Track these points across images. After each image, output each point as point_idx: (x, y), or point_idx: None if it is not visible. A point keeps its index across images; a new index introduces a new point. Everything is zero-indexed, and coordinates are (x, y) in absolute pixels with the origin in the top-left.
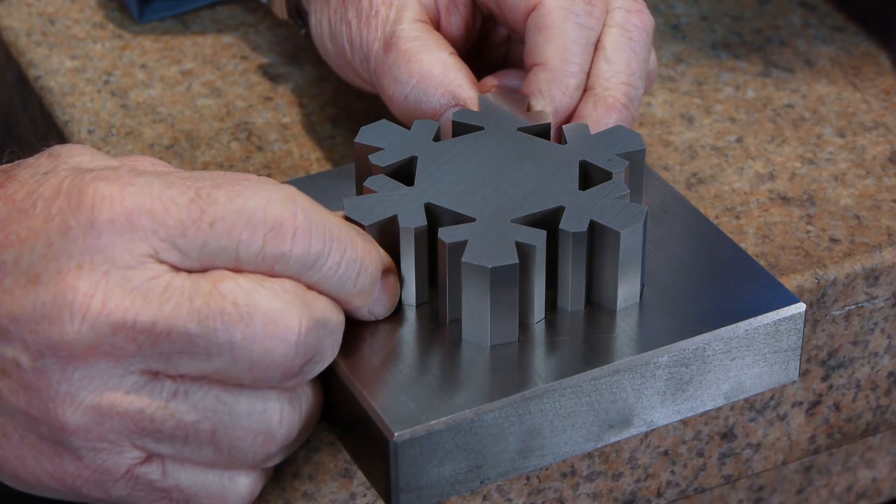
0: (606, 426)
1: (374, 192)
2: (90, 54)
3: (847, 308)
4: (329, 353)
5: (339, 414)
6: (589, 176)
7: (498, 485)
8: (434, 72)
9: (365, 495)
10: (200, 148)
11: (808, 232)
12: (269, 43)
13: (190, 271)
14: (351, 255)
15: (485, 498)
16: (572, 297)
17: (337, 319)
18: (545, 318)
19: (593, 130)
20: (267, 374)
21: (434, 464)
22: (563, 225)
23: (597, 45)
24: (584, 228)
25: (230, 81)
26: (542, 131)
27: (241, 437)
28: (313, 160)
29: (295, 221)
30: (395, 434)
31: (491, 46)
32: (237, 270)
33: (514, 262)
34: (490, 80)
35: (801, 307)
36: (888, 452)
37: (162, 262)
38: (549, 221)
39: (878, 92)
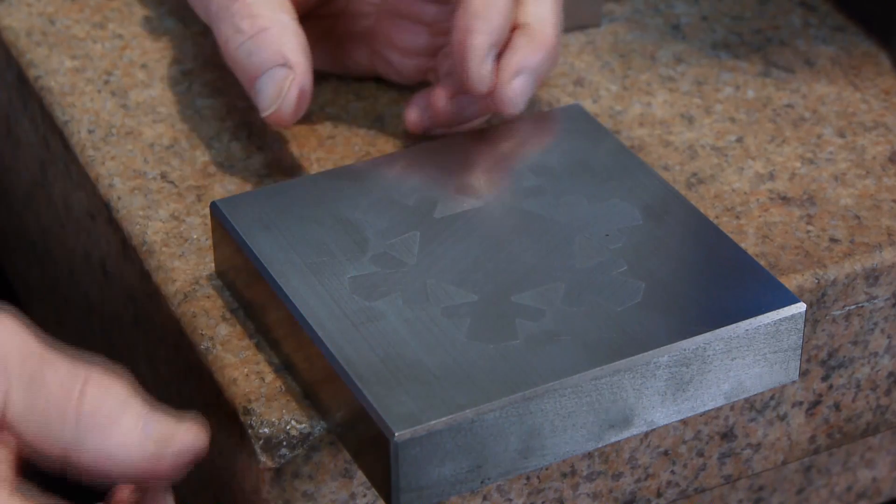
0: (607, 426)
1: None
2: (90, 54)
3: (847, 308)
4: None
5: (340, 413)
6: (586, 250)
7: (498, 485)
8: (273, 30)
9: (365, 495)
10: (200, 148)
11: (808, 232)
12: None
13: None
14: None
15: (485, 498)
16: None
17: None
18: (546, 317)
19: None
20: None
21: (434, 464)
22: None
23: None
24: None
25: (230, 81)
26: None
27: None
28: (313, 160)
29: None
30: (396, 434)
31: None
32: None
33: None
34: (440, 92)
35: (801, 307)
36: (888, 452)
37: None
38: None
39: (878, 92)
